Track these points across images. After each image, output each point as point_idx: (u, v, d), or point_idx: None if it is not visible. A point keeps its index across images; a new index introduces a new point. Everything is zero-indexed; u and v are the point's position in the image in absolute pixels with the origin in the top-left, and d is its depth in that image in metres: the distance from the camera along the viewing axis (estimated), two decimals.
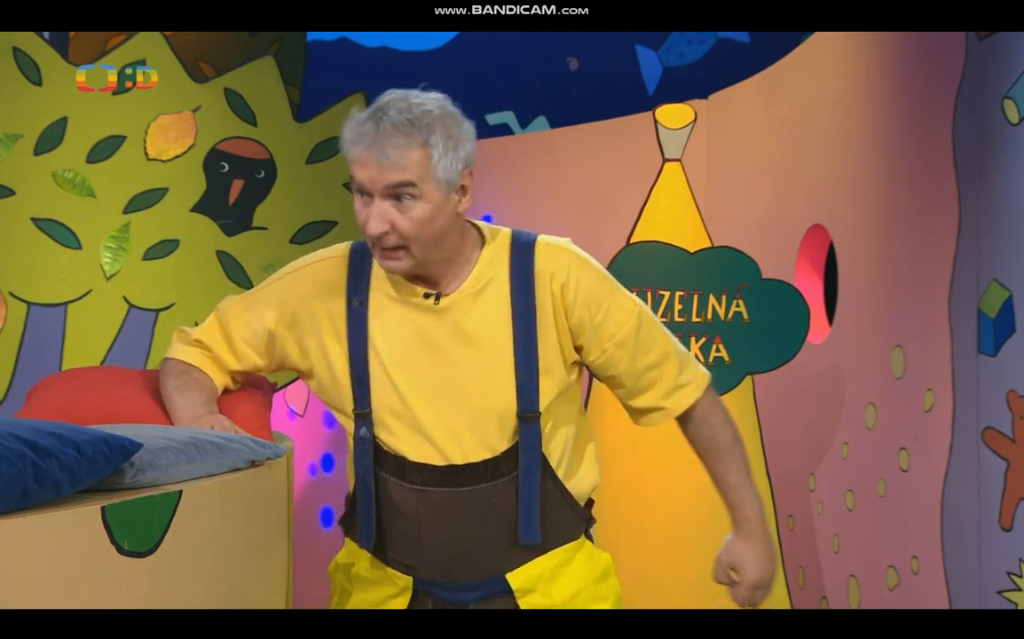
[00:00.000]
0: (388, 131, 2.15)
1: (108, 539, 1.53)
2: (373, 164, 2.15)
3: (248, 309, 2.39)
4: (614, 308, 2.30)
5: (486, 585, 2.31)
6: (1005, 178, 2.77)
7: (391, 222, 2.16)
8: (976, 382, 2.84)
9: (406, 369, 2.26)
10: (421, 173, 2.15)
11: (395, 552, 2.34)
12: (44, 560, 1.43)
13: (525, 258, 2.28)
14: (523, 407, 2.24)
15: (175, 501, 1.68)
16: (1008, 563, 2.73)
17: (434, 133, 2.16)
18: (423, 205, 2.16)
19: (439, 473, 2.25)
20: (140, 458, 1.68)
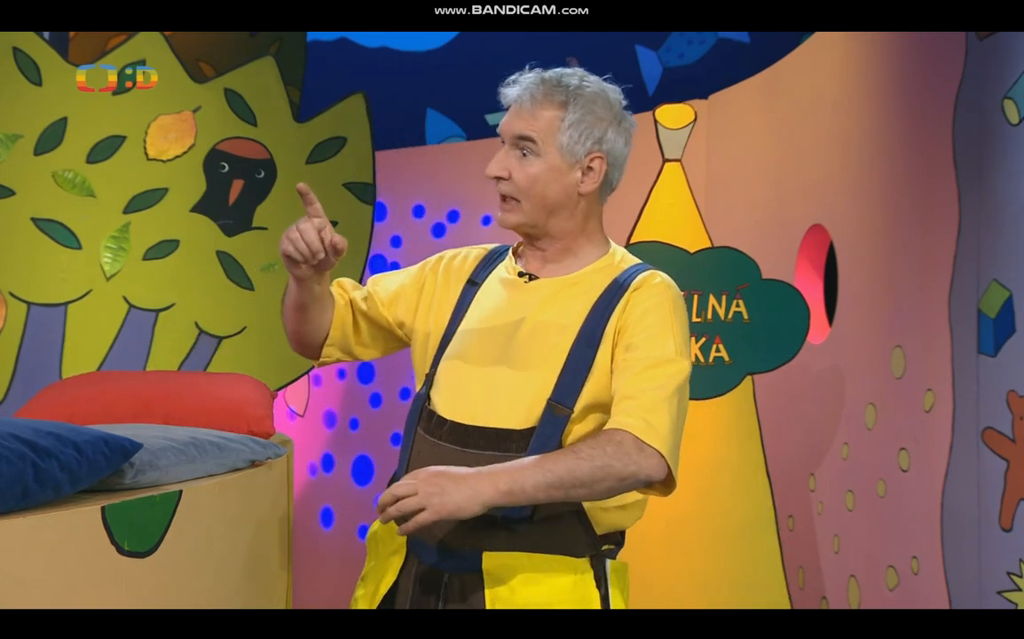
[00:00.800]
0: (530, 87, 2.27)
1: (108, 539, 1.53)
2: (513, 109, 2.29)
3: (393, 273, 2.51)
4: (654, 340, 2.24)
5: (463, 557, 2.27)
6: (1005, 178, 2.77)
7: (509, 170, 2.28)
8: (976, 382, 2.84)
9: (475, 332, 2.33)
10: (546, 133, 2.26)
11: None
12: (44, 560, 1.44)
13: (626, 278, 2.32)
14: (558, 395, 2.24)
15: (175, 501, 1.68)
16: (1008, 563, 2.73)
17: (575, 102, 2.28)
18: (539, 163, 2.26)
19: (455, 429, 2.29)
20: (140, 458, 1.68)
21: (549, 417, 2.23)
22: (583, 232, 2.34)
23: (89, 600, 1.50)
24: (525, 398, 2.26)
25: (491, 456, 2.24)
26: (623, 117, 2.35)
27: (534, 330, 2.30)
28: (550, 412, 2.24)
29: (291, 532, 2.40)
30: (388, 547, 2.39)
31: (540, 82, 2.27)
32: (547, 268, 2.35)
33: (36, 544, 1.44)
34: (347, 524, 5.08)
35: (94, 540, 1.52)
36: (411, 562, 2.35)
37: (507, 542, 2.27)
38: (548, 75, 2.29)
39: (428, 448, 2.31)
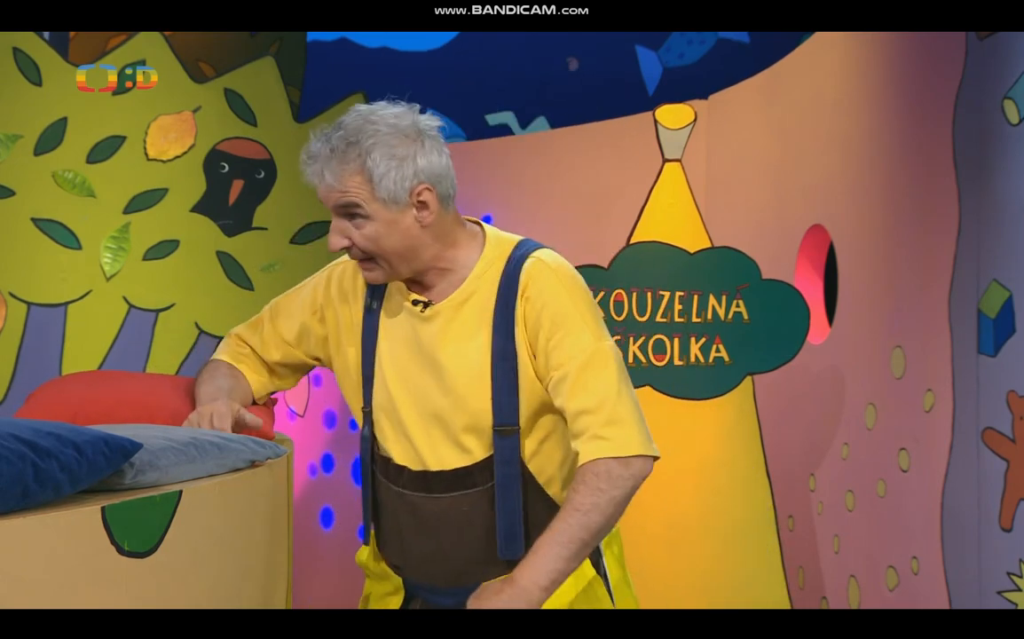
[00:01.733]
0: (327, 155, 2.20)
1: (108, 539, 1.53)
2: (321, 186, 2.22)
3: (292, 304, 2.48)
4: (566, 334, 2.22)
5: (463, 592, 2.27)
6: (1005, 178, 2.77)
7: (349, 238, 2.23)
8: (976, 382, 2.84)
9: (397, 372, 2.30)
10: (363, 194, 2.20)
11: (386, 550, 2.40)
12: (44, 560, 1.43)
13: (514, 269, 2.27)
14: (499, 419, 2.24)
15: (175, 501, 1.68)
16: (1008, 563, 2.73)
17: (372, 155, 2.18)
18: (372, 224, 2.21)
19: (415, 477, 2.29)
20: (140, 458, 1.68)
21: (500, 442, 2.24)
22: (449, 247, 2.28)
23: (89, 600, 1.49)
24: (471, 432, 2.26)
25: (458, 496, 2.27)
26: (423, 133, 2.23)
27: (449, 358, 2.26)
28: (499, 436, 2.24)
29: (291, 532, 2.40)
30: (384, 587, 2.42)
31: (331, 154, 2.18)
32: (435, 290, 2.29)
33: (36, 544, 1.44)
34: (347, 524, 5.08)
35: (94, 540, 1.52)
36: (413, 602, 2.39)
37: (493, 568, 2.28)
38: (335, 142, 2.19)
39: (394, 498, 2.33)
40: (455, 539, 2.29)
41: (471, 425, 2.25)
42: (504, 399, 2.23)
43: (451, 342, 2.26)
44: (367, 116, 2.22)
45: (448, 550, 2.30)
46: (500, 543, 2.25)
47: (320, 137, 2.23)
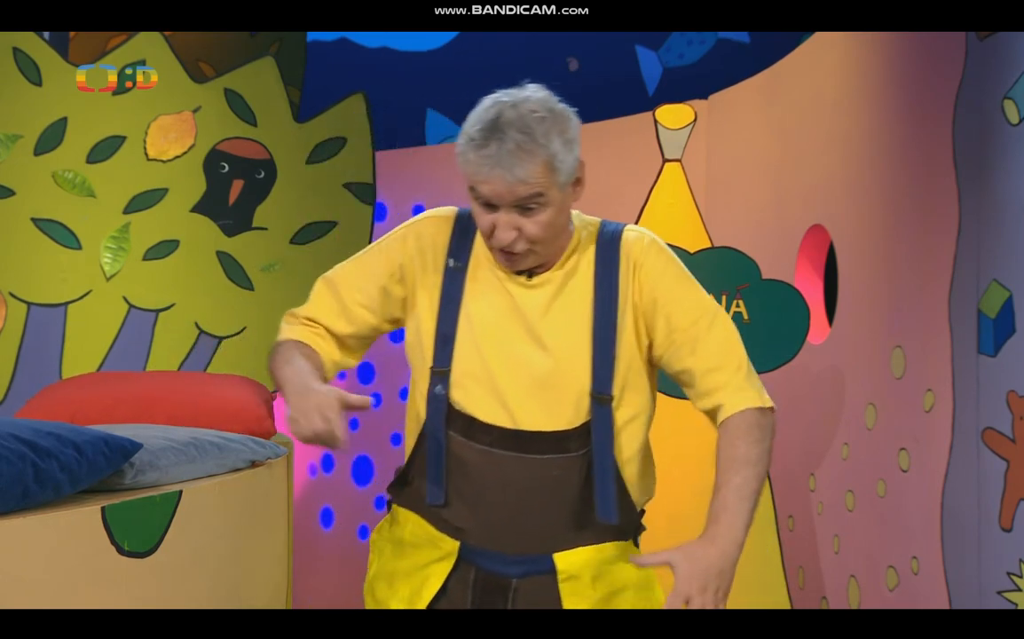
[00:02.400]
0: (512, 151, 2.19)
1: (108, 539, 1.53)
2: (500, 182, 2.20)
3: (358, 271, 2.42)
4: (684, 297, 2.33)
5: (532, 561, 2.31)
6: (1005, 178, 2.77)
7: (518, 228, 2.23)
8: (976, 382, 2.84)
9: (494, 338, 2.30)
10: (547, 182, 2.21)
11: (450, 513, 2.34)
12: (44, 560, 1.44)
13: (611, 243, 2.35)
14: (597, 387, 2.28)
15: (175, 501, 1.68)
16: (1008, 563, 2.73)
17: (552, 143, 2.22)
18: (548, 210, 2.23)
19: (508, 435, 2.28)
20: (140, 458, 1.68)
21: (598, 409, 2.28)
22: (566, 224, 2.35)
23: (89, 600, 1.50)
24: (570, 396, 2.29)
25: (552, 460, 2.29)
26: (570, 113, 2.31)
27: (554, 326, 2.30)
28: (597, 404, 2.28)
29: (291, 532, 2.40)
30: (428, 554, 2.36)
31: (516, 149, 2.18)
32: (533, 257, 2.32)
33: (36, 544, 1.44)
34: (347, 524, 5.08)
35: (94, 540, 1.52)
36: (465, 569, 2.34)
37: (576, 540, 2.32)
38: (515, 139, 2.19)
39: (477, 455, 2.30)
40: (539, 503, 2.29)
41: (571, 390, 2.28)
42: (603, 368, 2.28)
43: (557, 312, 2.30)
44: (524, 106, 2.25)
45: (530, 514, 2.30)
46: (599, 505, 2.29)
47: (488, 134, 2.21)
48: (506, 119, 2.22)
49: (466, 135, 2.24)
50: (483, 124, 2.23)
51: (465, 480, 2.31)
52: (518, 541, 2.31)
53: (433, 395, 2.33)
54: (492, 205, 2.22)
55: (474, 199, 2.24)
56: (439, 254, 2.37)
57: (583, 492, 2.31)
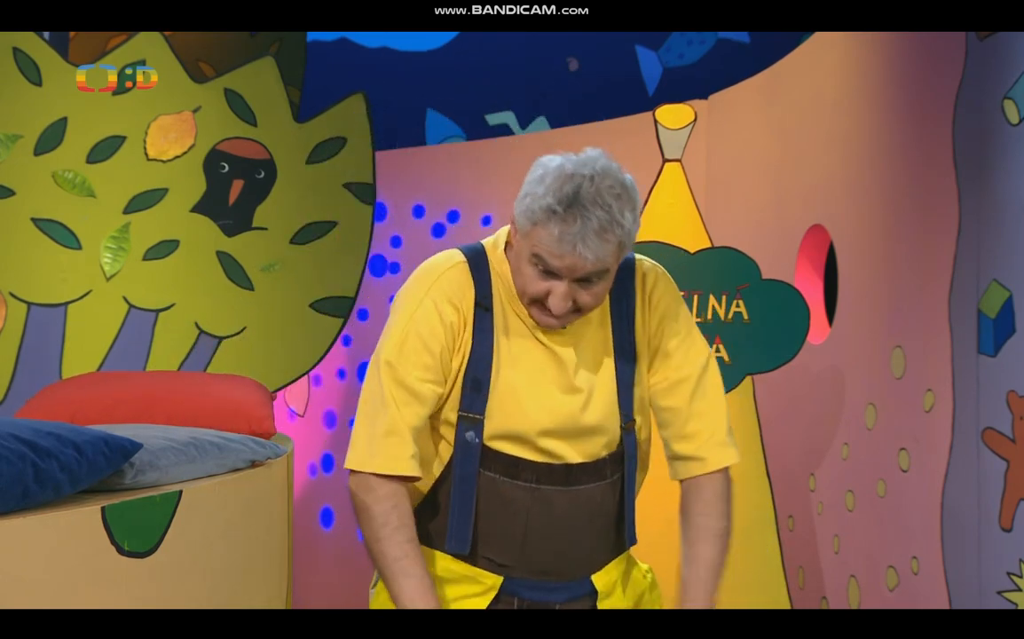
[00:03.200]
0: (596, 232, 2.15)
1: (108, 539, 1.53)
2: (578, 261, 2.16)
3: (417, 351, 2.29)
4: (689, 339, 2.37)
5: (575, 586, 2.36)
6: (1005, 178, 2.77)
7: (575, 298, 2.22)
8: (976, 382, 2.84)
9: (537, 390, 2.29)
10: (615, 260, 2.22)
11: (490, 551, 2.33)
12: (44, 560, 1.43)
13: (626, 275, 2.36)
14: (625, 418, 2.34)
15: (175, 501, 1.68)
16: (1008, 563, 2.73)
17: (627, 219, 2.19)
18: (607, 282, 2.24)
19: (554, 471, 2.31)
20: (140, 458, 1.68)
21: (626, 437, 2.35)
22: None
23: (89, 600, 1.49)
24: (604, 427, 2.33)
25: (592, 487, 2.33)
26: (633, 183, 2.26)
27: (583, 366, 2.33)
28: (625, 432, 2.35)
29: (291, 532, 2.40)
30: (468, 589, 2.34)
31: (599, 231, 2.14)
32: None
33: (36, 544, 1.44)
34: (347, 524, 5.08)
35: (94, 540, 1.52)
36: (506, 601, 2.34)
37: (606, 558, 2.39)
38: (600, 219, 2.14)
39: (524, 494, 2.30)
40: (585, 529, 2.34)
41: (605, 425, 2.32)
42: (626, 398, 2.34)
43: (584, 354, 2.32)
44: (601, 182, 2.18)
45: (577, 541, 2.33)
46: (627, 530, 2.37)
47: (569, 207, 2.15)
48: (586, 195, 2.17)
49: (544, 204, 2.18)
50: (564, 197, 2.17)
51: (509, 519, 2.31)
52: (564, 568, 2.35)
53: (463, 441, 2.29)
54: (552, 274, 2.19)
55: (531, 263, 2.20)
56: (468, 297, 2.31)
57: (617, 514, 2.39)
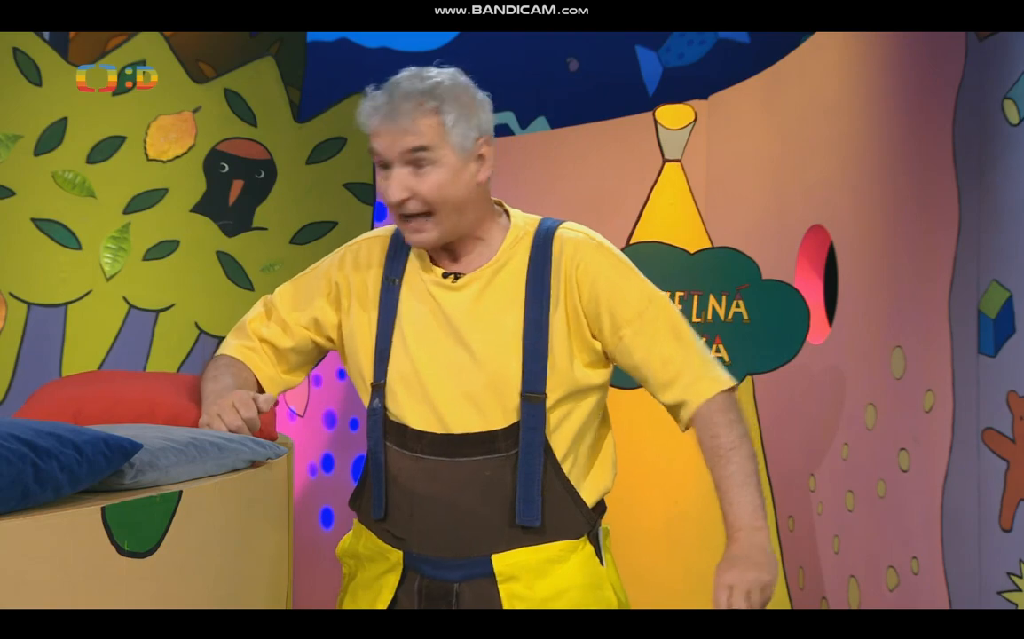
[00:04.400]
0: (400, 99, 2.23)
1: (108, 539, 1.53)
2: (388, 132, 2.23)
3: (298, 291, 2.47)
4: (627, 290, 2.32)
5: (471, 564, 2.31)
6: (1005, 178, 2.77)
7: (410, 189, 2.24)
8: (976, 383, 2.84)
9: (421, 341, 2.31)
10: (435, 138, 2.23)
11: (391, 524, 2.37)
12: (44, 560, 1.43)
13: (545, 242, 2.33)
14: (527, 386, 2.26)
15: (175, 501, 1.68)
16: (1008, 564, 2.73)
17: (446, 101, 2.24)
18: (440, 170, 2.23)
19: (437, 441, 2.29)
20: (140, 459, 1.68)
21: (527, 408, 2.26)
22: (486, 216, 2.35)
23: (89, 600, 1.49)
24: (498, 396, 2.28)
25: (481, 461, 2.28)
26: (475, 89, 2.33)
27: (480, 326, 2.30)
28: (527, 403, 2.26)
29: (291, 532, 2.40)
30: (379, 566, 2.40)
31: (403, 97, 2.24)
32: (464, 261, 2.35)
33: (36, 545, 1.43)
34: (347, 524, 5.07)
35: (94, 540, 1.52)
36: (410, 578, 2.36)
37: (514, 541, 2.30)
38: (404, 88, 2.26)
39: (410, 465, 2.31)
40: (474, 505, 2.29)
41: (499, 391, 2.27)
42: (534, 367, 2.27)
43: (483, 311, 2.30)
44: (424, 71, 2.29)
45: (465, 517, 2.29)
46: (519, 508, 2.27)
47: (383, 88, 2.28)
48: (402, 76, 2.28)
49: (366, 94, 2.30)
50: (384, 85, 2.28)
51: (400, 490, 2.33)
52: (456, 545, 2.31)
53: (371, 410, 2.35)
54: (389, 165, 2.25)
55: (377, 167, 2.28)
56: (376, 272, 2.38)
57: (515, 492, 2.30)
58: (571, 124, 5.05)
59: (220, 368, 2.43)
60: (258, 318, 2.48)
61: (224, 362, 2.45)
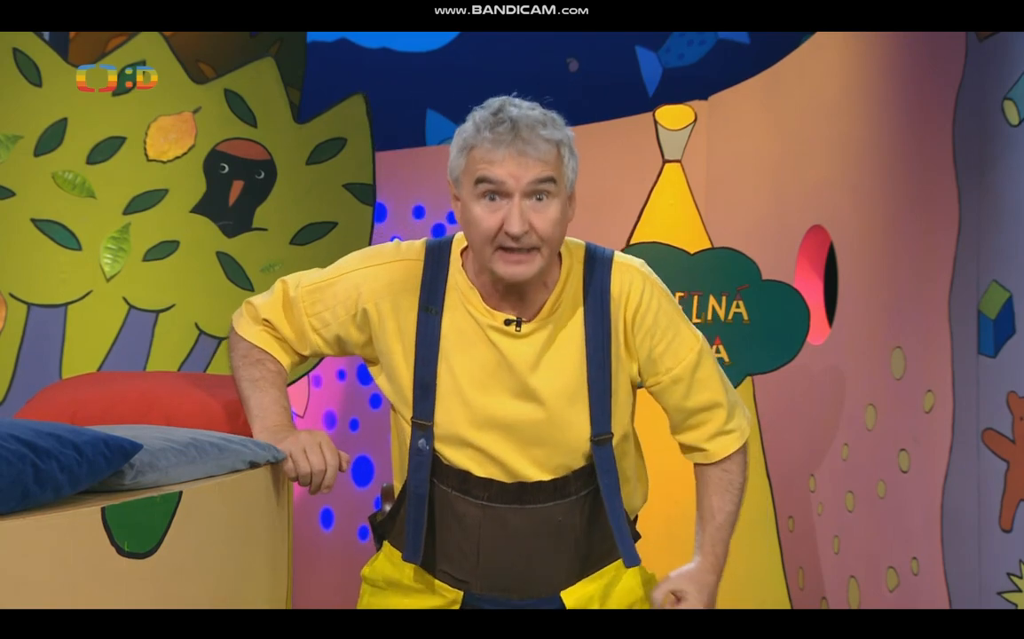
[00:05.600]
0: (531, 127, 2.13)
1: (108, 540, 1.53)
2: (514, 161, 2.11)
3: (319, 300, 2.33)
4: (677, 341, 2.29)
5: (539, 603, 2.30)
6: (1005, 179, 2.77)
7: (530, 222, 2.13)
8: (976, 383, 2.84)
9: (482, 394, 2.23)
10: (559, 170, 2.15)
11: (448, 565, 2.31)
12: (44, 561, 1.43)
13: (600, 277, 2.26)
14: (596, 431, 2.24)
15: (175, 502, 1.68)
16: (1008, 564, 2.73)
17: (563, 137, 2.18)
18: (555, 205, 2.15)
19: (507, 489, 2.24)
20: (140, 459, 1.68)
21: (599, 452, 2.25)
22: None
23: (89, 600, 1.49)
24: (568, 443, 2.24)
25: (554, 506, 2.26)
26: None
27: (546, 375, 2.23)
28: (597, 447, 2.24)
29: (291, 532, 2.39)
30: (431, 601, 2.33)
31: (535, 125, 2.13)
32: (525, 304, 2.24)
33: (36, 545, 1.44)
34: (347, 524, 5.08)
35: (94, 541, 1.52)
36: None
37: (578, 574, 2.31)
38: (531, 116, 2.15)
39: (476, 511, 2.25)
40: (545, 549, 2.26)
41: (569, 440, 2.24)
42: (601, 409, 2.24)
43: (547, 360, 2.23)
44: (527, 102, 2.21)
45: (535, 562, 2.27)
46: (624, 555, 2.28)
47: (497, 117, 2.14)
48: (513, 107, 2.17)
49: (472, 125, 2.16)
50: (491, 111, 2.16)
51: (463, 535, 2.27)
52: (525, 588, 2.29)
53: (416, 449, 2.26)
54: (501, 197, 2.12)
55: (477, 198, 2.13)
56: (411, 298, 2.26)
57: (588, 531, 2.30)
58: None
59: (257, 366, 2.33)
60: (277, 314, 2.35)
61: (256, 357, 2.34)
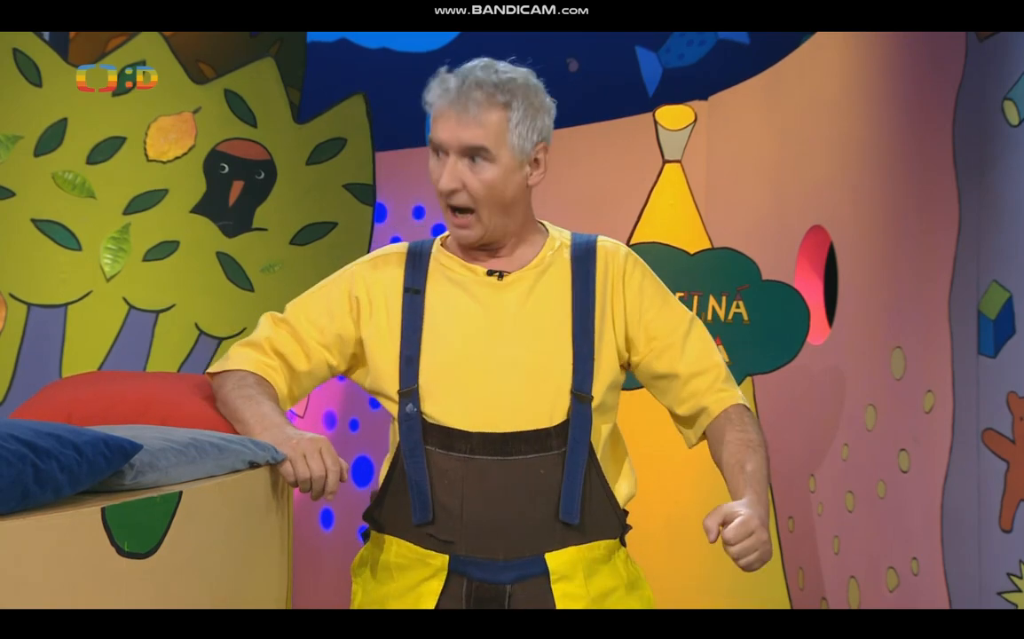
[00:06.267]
0: (471, 88, 2.23)
1: (108, 540, 1.53)
2: (453, 119, 2.22)
3: (313, 308, 2.40)
4: (667, 308, 2.38)
5: (524, 565, 2.30)
6: (1005, 179, 2.77)
7: (463, 181, 2.24)
8: (976, 383, 2.84)
9: (465, 340, 2.29)
10: (497, 136, 2.23)
11: (437, 527, 2.32)
12: (44, 561, 1.43)
13: (587, 252, 2.36)
14: (577, 384, 2.27)
15: (175, 502, 1.68)
16: (1008, 564, 2.73)
17: (515, 98, 2.25)
18: (495, 168, 2.24)
19: (487, 440, 2.27)
20: (140, 459, 1.68)
21: (577, 407, 2.27)
22: (530, 219, 2.38)
23: (89, 601, 1.49)
24: (548, 394, 2.28)
25: (534, 459, 2.27)
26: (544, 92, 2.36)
27: (529, 324, 2.29)
28: (576, 402, 2.27)
29: (291, 532, 2.39)
30: (418, 574, 2.34)
31: (475, 86, 2.23)
32: (505, 260, 2.35)
33: (36, 545, 1.43)
34: (347, 524, 5.08)
35: (94, 541, 1.52)
36: (456, 582, 2.31)
37: (563, 539, 2.31)
38: (477, 77, 2.25)
39: (458, 464, 2.27)
40: (525, 504, 2.27)
41: (550, 388, 2.28)
42: (583, 367, 2.28)
43: (531, 310, 2.30)
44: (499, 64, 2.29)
45: (517, 516, 2.28)
46: (563, 503, 2.27)
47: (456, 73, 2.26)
48: (476, 66, 2.27)
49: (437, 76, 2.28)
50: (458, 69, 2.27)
51: (449, 492, 2.29)
52: (508, 545, 2.29)
53: (405, 415, 2.30)
54: (444, 155, 2.25)
55: (431, 150, 2.27)
56: (395, 285, 2.35)
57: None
58: (571, 125, 5.04)
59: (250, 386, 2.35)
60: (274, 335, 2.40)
61: (252, 380, 2.36)
